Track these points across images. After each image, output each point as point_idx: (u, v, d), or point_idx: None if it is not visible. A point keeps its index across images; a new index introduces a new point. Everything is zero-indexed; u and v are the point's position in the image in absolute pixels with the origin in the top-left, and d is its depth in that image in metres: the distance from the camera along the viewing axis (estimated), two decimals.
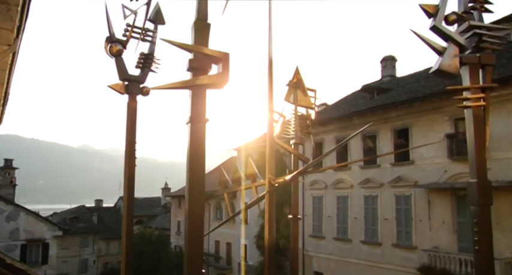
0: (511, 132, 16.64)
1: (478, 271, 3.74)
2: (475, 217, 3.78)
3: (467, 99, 3.92)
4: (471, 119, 3.87)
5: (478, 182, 3.75)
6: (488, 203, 3.75)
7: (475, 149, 3.79)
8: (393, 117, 21.24)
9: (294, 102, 6.60)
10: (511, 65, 18.08)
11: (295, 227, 6.39)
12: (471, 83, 3.90)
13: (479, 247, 3.74)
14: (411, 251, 19.94)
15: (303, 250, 26.46)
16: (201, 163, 2.83)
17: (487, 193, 3.75)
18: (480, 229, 3.73)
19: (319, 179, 25.56)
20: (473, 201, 3.79)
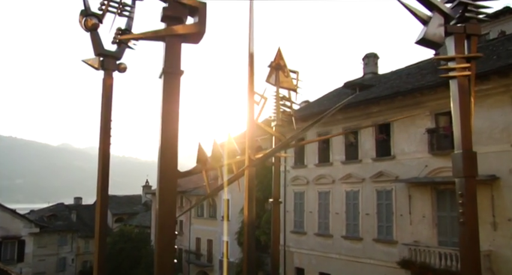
0: (491, 127, 16.80)
1: (462, 243, 3.65)
2: (460, 188, 3.69)
3: (453, 70, 3.83)
4: (456, 90, 3.78)
5: (463, 152, 3.65)
6: (473, 174, 3.66)
7: (460, 119, 3.69)
8: (375, 113, 21.29)
9: (275, 84, 6.45)
10: (490, 62, 18.24)
11: (275, 210, 6.25)
12: (456, 53, 3.81)
13: (464, 219, 3.65)
14: (392, 245, 20.01)
15: (284, 246, 26.38)
16: (174, 123, 2.63)
17: (472, 164, 3.66)
18: (465, 200, 3.64)
19: (300, 175, 25.51)
20: (458, 172, 3.69)
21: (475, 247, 3.59)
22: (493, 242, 16.35)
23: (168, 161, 2.73)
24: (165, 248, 2.80)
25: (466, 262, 3.60)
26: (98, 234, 4.88)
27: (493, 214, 16.40)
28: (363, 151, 22.00)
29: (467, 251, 3.58)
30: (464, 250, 3.63)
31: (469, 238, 3.59)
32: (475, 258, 3.59)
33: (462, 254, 3.67)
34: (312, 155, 25.05)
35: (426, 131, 18.80)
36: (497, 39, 22.27)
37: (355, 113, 22.15)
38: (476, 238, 3.62)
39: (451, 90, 3.86)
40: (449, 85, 3.89)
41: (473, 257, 3.58)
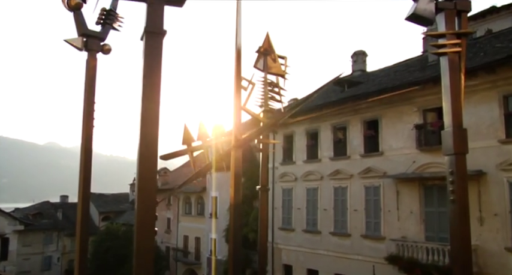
0: (478, 123, 16.89)
1: (453, 222, 3.59)
2: (450, 166, 3.63)
3: (443, 46, 3.77)
4: (447, 66, 3.72)
5: (454, 129, 3.59)
6: (464, 151, 3.60)
7: (451, 96, 3.63)
8: (363, 109, 21.32)
9: (263, 69, 6.36)
10: (477, 58, 18.36)
11: (263, 198, 6.15)
12: (447, 29, 3.75)
13: (454, 197, 3.59)
14: (380, 241, 20.05)
15: (272, 243, 26.31)
16: (156, 86, 2.50)
17: (463, 141, 3.60)
18: (456, 178, 3.58)
19: (289, 172, 25.47)
20: (448, 150, 3.63)
21: (465, 225, 3.54)
22: (480, 236, 16.45)
23: (149, 130, 2.61)
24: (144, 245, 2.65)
25: (456, 241, 3.54)
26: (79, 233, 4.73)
27: (480, 209, 16.50)
28: (351, 147, 22.01)
29: (458, 229, 3.53)
30: (454, 229, 3.57)
31: (459, 216, 3.53)
32: (466, 236, 3.53)
33: (452, 232, 3.60)
34: (300, 152, 25.02)
35: (414, 127, 18.86)
36: (484, 37, 22.44)
37: (343, 109, 22.15)
38: (467, 216, 3.56)
39: (441, 67, 3.80)
40: (436, 81, 3.84)
41: (464, 235, 3.53)
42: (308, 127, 24.58)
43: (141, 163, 2.64)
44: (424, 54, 24.86)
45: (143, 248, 2.66)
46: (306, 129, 24.73)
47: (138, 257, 2.66)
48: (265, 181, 5.99)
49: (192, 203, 38.29)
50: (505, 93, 16.33)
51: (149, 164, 2.61)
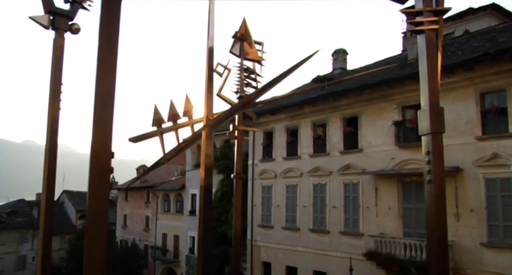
0: (456, 120, 17.04)
1: (429, 203, 3.49)
2: (427, 146, 3.53)
3: (420, 24, 3.67)
4: (424, 44, 3.62)
5: (430, 108, 3.48)
6: (440, 130, 3.51)
7: (428, 74, 3.53)
8: (343, 106, 21.34)
9: (239, 55, 6.20)
10: (455, 57, 18.53)
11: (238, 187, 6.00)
12: (424, 6, 3.65)
13: (431, 177, 3.49)
14: (358, 238, 20.09)
15: (251, 240, 26.19)
16: (113, 49, 2.29)
17: (439, 120, 3.51)
18: (432, 158, 3.48)
19: (268, 169, 25.36)
20: (425, 130, 3.53)
21: (441, 206, 3.44)
22: (456, 232, 16.60)
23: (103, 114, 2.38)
24: (95, 241, 2.42)
25: (432, 223, 3.44)
26: (43, 233, 4.49)
27: (456, 205, 16.65)
28: (330, 144, 22.02)
29: (434, 210, 3.42)
30: (430, 210, 3.46)
31: (435, 197, 3.43)
32: (442, 218, 3.44)
33: (428, 215, 3.50)
34: (280, 149, 24.94)
35: (393, 123, 18.95)
36: (462, 37, 22.72)
37: (323, 106, 22.16)
38: (443, 196, 3.47)
39: (418, 45, 3.70)
40: (415, 78, 3.75)
41: (440, 217, 3.44)
42: (288, 124, 24.52)
43: (94, 148, 2.38)
44: (403, 53, 25.06)
45: (93, 245, 2.41)
46: (285, 126, 24.66)
47: (88, 260, 2.41)
48: (240, 169, 5.83)
49: (171, 200, 37.89)
50: (481, 91, 16.51)
51: (103, 149, 2.36)
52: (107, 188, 2.36)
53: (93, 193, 2.29)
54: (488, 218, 15.88)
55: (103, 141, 2.28)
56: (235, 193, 5.94)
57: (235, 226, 6.04)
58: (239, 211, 6.00)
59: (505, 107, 15.83)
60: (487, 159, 15.97)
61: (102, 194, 2.32)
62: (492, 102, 16.37)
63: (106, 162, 2.32)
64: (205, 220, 3.89)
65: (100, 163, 2.30)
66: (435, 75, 3.55)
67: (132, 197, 44.09)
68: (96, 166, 2.29)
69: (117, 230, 45.80)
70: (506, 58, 15.06)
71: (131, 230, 43.53)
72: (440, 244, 3.53)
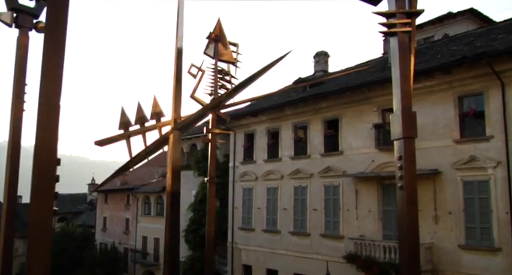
0: (434, 123, 17.17)
1: (401, 209, 3.41)
2: (399, 151, 3.44)
3: (393, 26, 3.59)
4: (396, 46, 3.53)
5: (403, 112, 3.40)
6: (412, 135, 3.41)
7: (400, 77, 3.45)
8: (324, 108, 21.35)
9: (214, 56, 6.07)
10: (434, 60, 18.70)
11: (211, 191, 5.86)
12: (397, 8, 3.57)
13: (402, 183, 3.40)
14: (338, 240, 20.08)
15: (232, 243, 26.02)
16: (60, 44, 2.13)
17: (411, 124, 3.41)
18: (404, 163, 3.39)
19: (249, 171, 25.23)
20: (397, 134, 3.44)
21: (413, 212, 3.36)
22: (435, 235, 16.71)
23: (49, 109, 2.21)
24: (38, 255, 2.21)
25: (404, 229, 3.35)
26: (3, 236, 4.28)
27: (435, 208, 16.76)
28: (311, 147, 22.00)
29: (406, 216, 3.34)
30: (402, 216, 3.38)
31: (407, 204, 3.34)
32: (414, 224, 3.35)
33: (400, 220, 3.42)
34: (261, 151, 24.84)
35: (373, 126, 19.01)
36: (441, 41, 22.96)
37: (304, 108, 22.15)
38: (415, 202, 3.38)
39: (390, 48, 3.63)
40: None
41: (412, 223, 3.35)
42: (269, 126, 24.45)
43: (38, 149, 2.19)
44: (384, 56, 25.20)
45: (37, 262, 2.20)
46: (266, 128, 24.58)
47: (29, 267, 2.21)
48: (213, 173, 5.69)
49: (151, 203, 37.45)
50: (460, 94, 16.66)
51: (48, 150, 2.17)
52: (51, 197, 2.20)
53: (36, 203, 2.12)
54: (466, 221, 16.02)
55: (48, 146, 2.12)
56: (208, 197, 5.80)
57: (209, 230, 5.90)
58: (212, 215, 5.86)
59: (482, 110, 16.01)
60: (465, 162, 16.12)
61: (45, 204, 2.15)
62: (470, 105, 16.54)
63: (50, 169, 2.16)
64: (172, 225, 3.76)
65: (44, 170, 2.14)
66: (408, 78, 3.48)
67: (112, 199, 43.47)
68: (40, 173, 2.12)
69: (97, 233, 45.10)
70: (484, 62, 15.22)
71: (111, 233, 42.89)
72: (412, 250, 3.44)
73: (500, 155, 15.25)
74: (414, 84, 13.37)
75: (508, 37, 17.13)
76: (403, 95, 3.45)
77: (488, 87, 15.79)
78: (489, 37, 18.47)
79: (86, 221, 49.15)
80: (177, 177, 3.78)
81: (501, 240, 15.05)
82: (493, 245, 15.25)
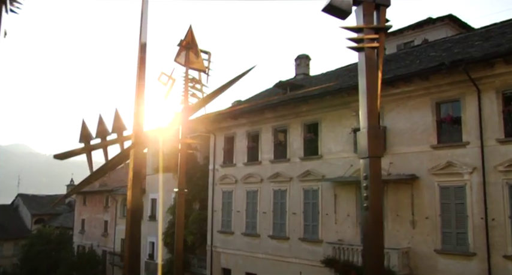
0: (412, 128, 17.29)
1: (365, 230, 3.33)
2: (364, 170, 3.36)
3: (360, 41, 3.51)
4: (363, 62, 3.46)
5: (369, 130, 3.32)
6: (378, 154, 3.34)
7: (367, 94, 3.37)
8: (304, 112, 21.33)
9: (184, 64, 5.92)
10: (413, 65, 18.84)
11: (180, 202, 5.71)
12: (365, 23, 3.49)
13: (368, 204, 3.32)
14: (317, 244, 20.08)
15: (211, 246, 25.84)
16: None
17: (378, 143, 3.33)
18: (370, 183, 3.31)
19: (229, 174, 25.08)
20: (363, 153, 3.36)
21: (379, 233, 3.28)
22: (412, 239, 16.82)
23: None
24: None
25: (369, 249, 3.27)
26: None
27: (412, 213, 16.87)
28: (291, 150, 21.96)
29: (371, 237, 3.26)
30: (367, 237, 3.30)
31: (372, 224, 3.26)
32: (379, 245, 3.27)
33: (365, 240, 3.34)
34: (240, 154, 24.72)
35: (352, 131, 19.06)
36: (421, 46, 23.19)
37: (284, 112, 22.10)
38: (380, 223, 3.31)
39: (358, 63, 3.55)
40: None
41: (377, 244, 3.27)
42: (249, 129, 24.34)
43: None
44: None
45: None
46: (247, 131, 24.47)
47: None
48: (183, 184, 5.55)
49: None
50: (437, 100, 16.80)
51: None
52: None
53: None
54: (442, 226, 16.15)
55: None
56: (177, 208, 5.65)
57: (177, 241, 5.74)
58: (181, 227, 5.71)
59: (459, 116, 16.17)
60: (442, 167, 16.25)
61: None
62: (447, 111, 16.69)
63: None
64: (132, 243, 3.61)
65: None
66: (375, 96, 3.40)
67: (91, 201, 42.85)
68: None
69: (75, 235, 44.39)
70: (460, 69, 15.37)
71: (89, 235, 42.26)
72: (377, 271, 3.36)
73: (476, 161, 15.41)
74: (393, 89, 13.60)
75: (484, 44, 17.36)
76: (370, 113, 3.37)
77: (465, 93, 15.95)
78: (467, 43, 18.72)
79: (64, 223, 48.37)
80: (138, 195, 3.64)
81: (476, 245, 15.22)
82: (468, 250, 15.41)
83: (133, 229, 3.64)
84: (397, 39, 29.04)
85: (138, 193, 3.65)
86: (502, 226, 14.70)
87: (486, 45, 17.17)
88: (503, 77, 15.06)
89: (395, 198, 17.48)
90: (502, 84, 15.15)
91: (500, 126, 15.05)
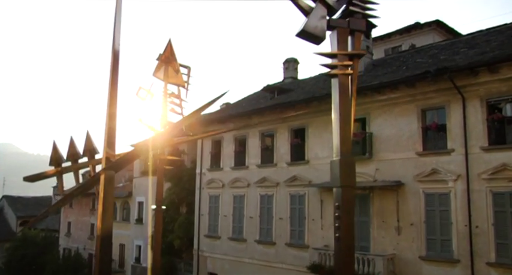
0: (398, 135, 17.35)
1: (337, 260, 3.28)
2: (337, 199, 3.32)
3: (334, 67, 3.47)
4: (337, 89, 3.42)
5: (341, 159, 3.27)
6: (351, 184, 3.29)
7: (340, 122, 3.32)
8: (291, 117, 21.29)
9: (163, 79, 5.85)
10: (400, 72, 18.91)
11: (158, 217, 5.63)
12: (339, 49, 3.45)
13: (340, 234, 3.28)
14: (303, 250, 20.06)
15: (198, 250, 25.71)
16: None
17: (350, 173, 3.29)
18: (341, 213, 3.27)
19: (216, 178, 24.98)
20: (335, 181, 3.32)
21: (350, 264, 3.23)
22: (397, 246, 16.88)
23: None
24: None
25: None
26: None
27: (398, 219, 16.93)
28: (278, 155, 21.93)
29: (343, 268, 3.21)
30: (339, 267, 3.25)
31: (344, 254, 3.22)
32: None
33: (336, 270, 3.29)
34: (228, 158, 24.63)
35: None
36: (408, 52, 23.29)
37: (271, 116, 22.05)
38: (352, 254, 3.26)
39: (332, 89, 3.51)
40: (360, 92, 3.55)
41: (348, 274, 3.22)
42: (236, 133, 24.27)
43: None
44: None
45: None
46: (234, 135, 24.39)
47: None
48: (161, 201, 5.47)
49: (117, 208, 36.64)
50: (423, 107, 16.88)
51: None
52: None
53: None
54: (427, 232, 16.23)
55: None
56: (155, 222, 5.57)
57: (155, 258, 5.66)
58: (159, 243, 5.63)
59: (444, 124, 16.26)
60: (427, 174, 16.33)
61: None
62: (433, 118, 16.77)
63: None
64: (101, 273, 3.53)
65: None
66: (348, 124, 3.36)
67: (77, 204, 42.39)
68: None
69: (61, 238, 43.91)
70: (445, 77, 15.46)
71: (75, 238, 41.83)
72: None
73: (460, 169, 15.50)
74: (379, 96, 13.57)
75: (469, 52, 17.50)
76: (343, 142, 3.33)
77: (450, 101, 16.05)
78: (452, 50, 18.85)
79: (49, 225, 47.70)
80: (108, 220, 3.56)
81: (460, 252, 15.31)
82: (452, 257, 15.49)
83: (103, 257, 3.56)
84: (384, 44, 29.20)
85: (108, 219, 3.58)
86: (485, 233, 14.81)
87: (471, 52, 17.30)
88: (487, 86, 15.17)
89: (381, 204, 17.54)
90: (486, 92, 15.27)
91: (484, 134, 15.15)
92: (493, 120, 15.06)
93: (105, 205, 3.54)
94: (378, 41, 28.64)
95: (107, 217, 3.57)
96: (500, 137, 15.01)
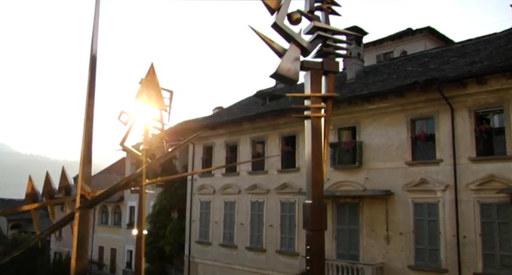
0: (387, 144, 17.41)
1: None
2: (308, 243, 3.34)
3: (307, 109, 3.49)
4: (309, 132, 3.44)
5: (313, 203, 3.29)
6: (321, 227, 3.32)
7: (312, 165, 3.35)
8: (282, 124, 21.32)
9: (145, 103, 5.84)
10: (390, 80, 19.00)
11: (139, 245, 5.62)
12: (312, 91, 3.47)
13: None
14: (293, 257, 20.08)
15: (189, 256, 25.68)
16: None
17: (321, 216, 3.32)
18: (312, 257, 3.29)
19: (207, 184, 24.96)
20: (307, 225, 3.34)
21: None
22: (386, 255, 16.94)
23: None
24: None
25: None
26: None
27: (387, 228, 16.99)
28: (269, 162, 21.95)
29: None
30: None
31: None
32: None
33: None
34: (219, 164, 24.61)
35: (329, 145, 19.11)
36: (399, 59, 23.36)
37: (262, 123, 22.07)
38: None
39: (305, 131, 3.53)
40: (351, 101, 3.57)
41: None
42: (228, 140, 24.27)
43: None
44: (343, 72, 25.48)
45: None
46: (225, 141, 24.40)
47: None
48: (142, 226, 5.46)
49: (109, 212, 36.57)
50: (412, 117, 16.96)
51: None
52: None
53: None
54: (416, 242, 16.31)
55: None
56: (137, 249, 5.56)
57: None
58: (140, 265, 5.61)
59: (433, 134, 16.35)
60: (416, 184, 16.40)
61: None
62: (422, 128, 16.86)
63: None
64: None
65: None
66: (320, 166, 3.38)
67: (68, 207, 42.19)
68: None
69: (52, 242, 43.62)
70: (434, 88, 15.54)
71: (67, 242, 41.54)
72: None
73: (448, 179, 15.59)
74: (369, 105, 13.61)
75: (458, 61, 17.60)
76: (314, 185, 3.35)
77: (439, 111, 16.13)
78: (442, 59, 18.93)
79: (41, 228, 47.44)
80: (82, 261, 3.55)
81: (448, 262, 15.39)
82: (440, 267, 15.58)
83: None
84: (376, 50, 29.33)
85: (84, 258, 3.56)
86: (473, 243, 14.89)
87: (460, 62, 17.40)
88: (475, 97, 15.28)
89: (370, 213, 17.60)
90: (474, 103, 15.37)
91: (473, 144, 15.25)
92: (481, 131, 15.15)
93: (79, 244, 3.53)
94: (370, 47, 28.75)
95: (82, 256, 3.57)
96: (488, 148, 15.10)
